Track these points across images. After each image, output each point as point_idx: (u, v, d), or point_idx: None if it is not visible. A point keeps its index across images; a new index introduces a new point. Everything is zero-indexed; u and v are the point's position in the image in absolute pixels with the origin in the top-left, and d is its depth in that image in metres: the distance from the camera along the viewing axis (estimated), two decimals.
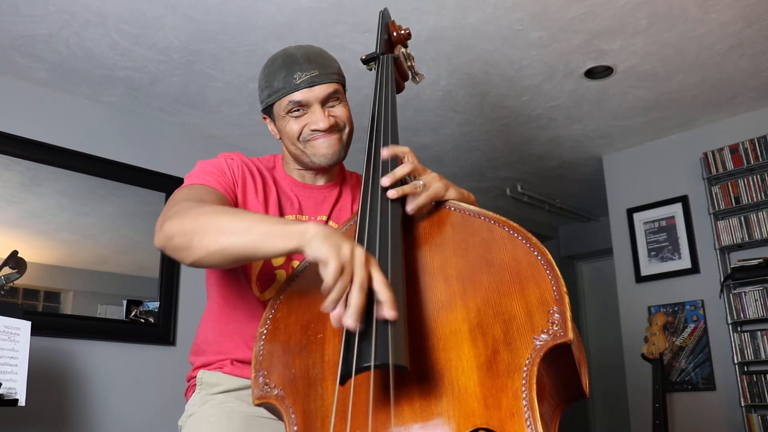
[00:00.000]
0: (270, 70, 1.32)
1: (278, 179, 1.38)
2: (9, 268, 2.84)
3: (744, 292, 3.62)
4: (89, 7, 2.62)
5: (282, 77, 1.28)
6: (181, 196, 1.18)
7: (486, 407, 0.86)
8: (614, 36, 2.95)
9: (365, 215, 1.04)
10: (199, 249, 1.01)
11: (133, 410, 3.24)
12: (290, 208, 1.35)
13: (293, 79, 1.27)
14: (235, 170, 1.30)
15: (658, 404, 3.19)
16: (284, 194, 1.36)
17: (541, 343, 0.88)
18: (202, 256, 1.02)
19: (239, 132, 3.81)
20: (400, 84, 1.51)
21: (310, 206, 1.37)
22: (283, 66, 1.29)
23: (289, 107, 1.28)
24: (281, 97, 1.28)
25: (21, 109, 3.17)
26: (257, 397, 0.97)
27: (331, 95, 1.30)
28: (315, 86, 1.28)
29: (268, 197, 1.33)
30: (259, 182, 1.33)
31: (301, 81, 1.27)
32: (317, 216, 1.36)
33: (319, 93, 1.28)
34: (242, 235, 0.98)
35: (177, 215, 1.07)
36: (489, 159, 4.41)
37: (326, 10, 2.69)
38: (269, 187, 1.34)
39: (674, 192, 4.09)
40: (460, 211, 1.09)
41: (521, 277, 0.95)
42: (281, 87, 1.28)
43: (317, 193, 1.38)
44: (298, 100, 1.27)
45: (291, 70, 1.28)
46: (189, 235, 1.03)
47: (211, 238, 1.00)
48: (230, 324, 1.31)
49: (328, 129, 1.29)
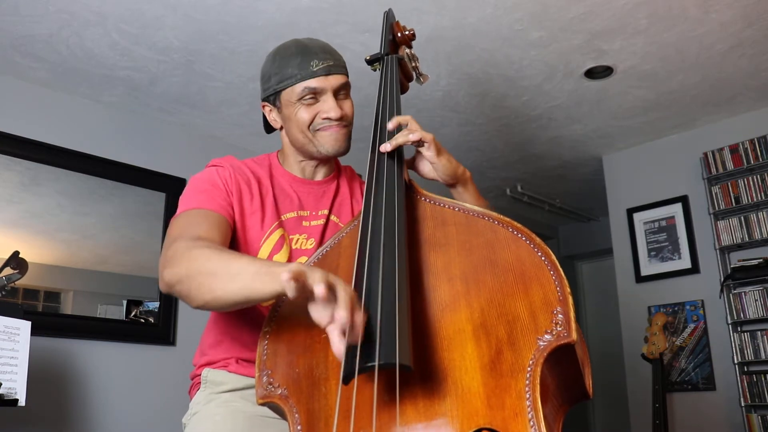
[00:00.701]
0: (282, 57, 1.32)
1: (276, 177, 1.37)
2: (10, 268, 2.83)
3: (744, 292, 3.62)
4: (89, 7, 2.62)
5: (297, 63, 1.29)
6: (177, 230, 1.18)
7: (489, 407, 0.86)
8: (614, 36, 2.95)
9: (368, 215, 1.04)
10: (197, 298, 1.04)
11: (133, 410, 3.23)
12: (290, 205, 1.34)
13: (310, 66, 1.28)
14: (228, 181, 1.29)
15: (658, 404, 3.20)
16: (282, 192, 1.35)
17: (545, 344, 0.88)
18: (201, 304, 1.04)
19: (239, 132, 3.81)
20: (404, 85, 1.50)
21: (311, 202, 1.36)
22: (298, 53, 1.30)
23: (303, 93, 1.28)
24: (295, 83, 1.28)
25: (21, 109, 3.16)
26: (261, 397, 0.98)
27: (343, 86, 1.32)
28: (331, 75, 1.29)
29: (265, 201, 1.31)
30: (254, 187, 1.32)
31: (318, 69, 1.28)
32: (318, 210, 1.35)
33: (334, 82, 1.30)
34: (231, 282, 0.99)
35: (172, 262, 1.08)
36: (489, 159, 4.42)
37: (326, 10, 2.69)
38: (265, 190, 1.33)
39: (674, 192, 4.09)
40: (464, 211, 1.09)
41: (525, 277, 0.95)
42: (296, 73, 1.28)
43: (317, 189, 1.38)
44: (313, 86, 1.28)
45: (307, 57, 1.29)
46: (186, 284, 1.04)
47: (206, 288, 1.02)
48: (236, 322, 1.31)
49: (338, 119, 1.29)
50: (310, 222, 1.34)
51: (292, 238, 1.30)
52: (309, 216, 1.34)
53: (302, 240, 1.31)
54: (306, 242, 1.31)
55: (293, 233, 1.31)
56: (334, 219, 1.36)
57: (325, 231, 1.34)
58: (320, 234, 1.33)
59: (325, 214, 1.35)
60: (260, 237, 1.28)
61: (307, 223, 1.33)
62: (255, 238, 1.28)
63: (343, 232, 1.16)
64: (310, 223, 1.34)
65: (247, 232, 1.29)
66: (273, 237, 1.29)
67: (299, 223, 1.33)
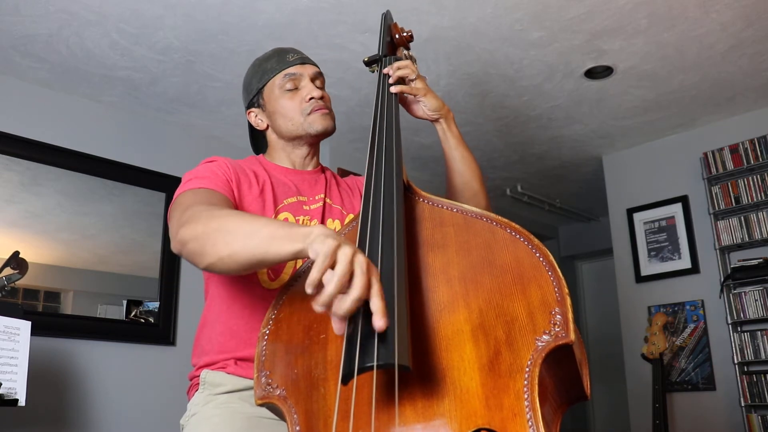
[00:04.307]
0: (261, 61, 1.46)
1: (270, 170, 1.42)
2: (10, 268, 2.84)
3: (744, 292, 3.63)
4: (89, 7, 2.62)
5: (275, 60, 1.43)
6: (190, 200, 1.19)
7: (488, 408, 0.86)
8: (614, 36, 2.95)
9: (367, 216, 1.05)
10: (212, 254, 1.03)
11: (133, 410, 3.24)
12: (288, 191, 1.39)
13: (286, 59, 1.43)
14: (226, 170, 1.34)
15: (658, 404, 3.20)
16: (279, 181, 1.40)
17: (543, 344, 0.88)
18: (214, 261, 1.03)
19: (239, 132, 3.81)
20: None
21: (306, 188, 1.42)
22: (274, 54, 1.45)
23: (283, 82, 1.40)
24: (275, 74, 1.41)
25: (21, 109, 3.17)
26: (260, 397, 0.97)
27: (318, 75, 1.45)
28: (306, 64, 1.44)
29: (264, 188, 1.36)
30: (251, 176, 1.37)
31: (294, 59, 1.43)
32: (315, 195, 1.41)
33: (311, 70, 1.43)
34: (250, 238, 0.98)
35: (190, 220, 1.09)
36: (489, 159, 4.42)
37: (326, 10, 2.69)
38: (262, 180, 1.38)
39: (674, 192, 4.09)
40: (462, 212, 1.10)
41: (523, 278, 0.95)
42: (274, 67, 1.42)
43: (309, 177, 1.45)
44: (292, 72, 1.41)
45: (282, 54, 1.44)
46: (202, 240, 1.04)
47: (222, 243, 1.01)
48: (234, 322, 1.31)
49: (320, 98, 1.40)
50: (310, 206, 1.40)
51: (298, 219, 1.36)
52: (308, 201, 1.40)
53: (306, 221, 1.37)
54: (310, 224, 1.36)
55: (298, 215, 1.37)
56: (329, 201, 1.43)
57: (324, 213, 1.40)
58: (321, 216, 1.39)
59: (322, 198, 1.42)
60: None
61: (307, 207, 1.39)
62: None
63: (342, 232, 1.16)
64: (309, 207, 1.40)
65: None
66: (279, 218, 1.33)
67: (300, 207, 1.38)
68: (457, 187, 1.45)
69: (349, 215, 1.42)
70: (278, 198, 1.37)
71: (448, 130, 1.45)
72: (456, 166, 1.45)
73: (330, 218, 1.40)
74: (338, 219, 1.40)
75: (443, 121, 1.45)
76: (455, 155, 1.45)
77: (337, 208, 1.43)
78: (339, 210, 1.42)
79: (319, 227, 0.91)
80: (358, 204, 1.44)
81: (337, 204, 1.43)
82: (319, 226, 0.91)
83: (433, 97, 1.42)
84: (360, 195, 1.47)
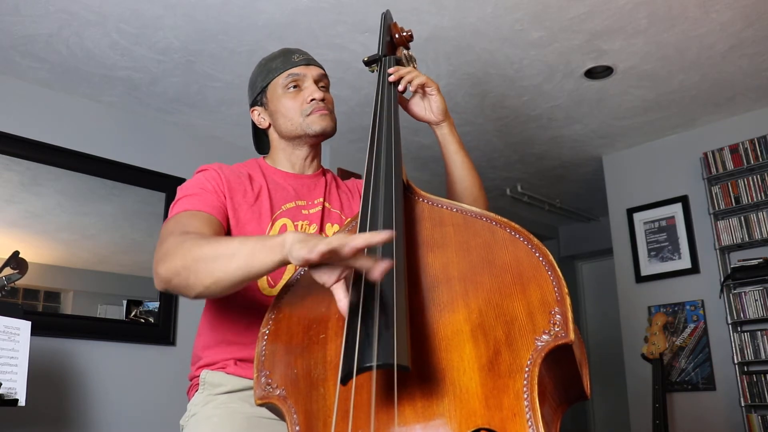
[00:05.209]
0: (267, 60, 1.47)
1: (268, 174, 1.42)
2: (10, 268, 2.84)
3: (744, 292, 3.62)
4: (89, 7, 2.62)
5: (280, 60, 1.44)
6: (167, 230, 1.20)
7: (487, 408, 0.86)
8: (614, 36, 2.95)
9: (366, 216, 1.05)
10: (197, 285, 1.05)
11: (133, 410, 3.24)
12: (287, 196, 1.39)
13: (291, 59, 1.43)
14: (217, 181, 1.33)
15: (658, 404, 3.20)
16: (277, 186, 1.40)
17: (543, 344, 0.88)
18: (201, 291, 1.06)
19: (239, 132, 3.81)
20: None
21: (305, 192, 1.42)
22: (280, 54, 1.46)
23: (287, 81, 1.40)
24: (280, 73, 1.41)
25: (21, 109, 3.17)
26: (259, 398, 0.97)
27: (323, 77, 1.44)
28: (311, 66, 1.44)
29: (260, 194, 1.36)
30: (246, 182, 1.36)
31: (299, 60, 1.43)
32: (314, 199, 1.41)
33: (315, 71, 1.43)
34: (229, 261, 1.01)
35: (166, 257, 1.10)
36: (489, 159, 4.42)
37: (326, 10, 2.69)
38: (258, 184, 1.38)
39: (674, 192, 4.09)
40: (461, 212, 1.10)
41: (523, 278, 0.95)
42: (280, 66, 1.42)
43: (308, 181, 1.44)
44: (296, 73, 1.41)
45: (288, 54, 1.45)
46: (184, 274, 1.06)
47: (204, 273, 1.04)
48: (234, 324, 1.31)
49: (322, 100, 1.40)
50: (309, 210, 1.40)
51: (296, 224, 1.36)
52: (306, 205, 1.40)
53: (305, 226, 1.37)
54: (309, 228, 1.37)
55: (297, 220, 1.37)
56: (328, 206, 1.42)
57: (323, 217, 1.40)
58: (320, 220, 1.39)
59: (321, 202, 1.42)
60: (262, 228, 1.32)
61: (306, 211, 1.39)
62: (255, 230, 1.32)
63: (341, 232, 1.16)
64: (309, 211, 1.40)
65: (246, 225, 1.32)
66: (277, 225, 1.33)
67: (299, 211, 1.38)
68: (458, 193, 1.45)
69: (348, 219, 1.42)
70: (276, 204, 1.36)
71: (449, 134, 1.45)
72: (456, 172, 1.45)
73: (329, 223, 1.40)
74: (337, 223, 1.40)
75: (445, 125, 1.45)
76: (456, 160, 1.45)
77: (336, 212, 1.42)
78: (338, 214, 1.42)
79: (290, 234, 0.94)
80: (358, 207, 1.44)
81: (336, 208, 1.43)
82: (290, 233, 0.95)
83: (443, 98, 1.43)
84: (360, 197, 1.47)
